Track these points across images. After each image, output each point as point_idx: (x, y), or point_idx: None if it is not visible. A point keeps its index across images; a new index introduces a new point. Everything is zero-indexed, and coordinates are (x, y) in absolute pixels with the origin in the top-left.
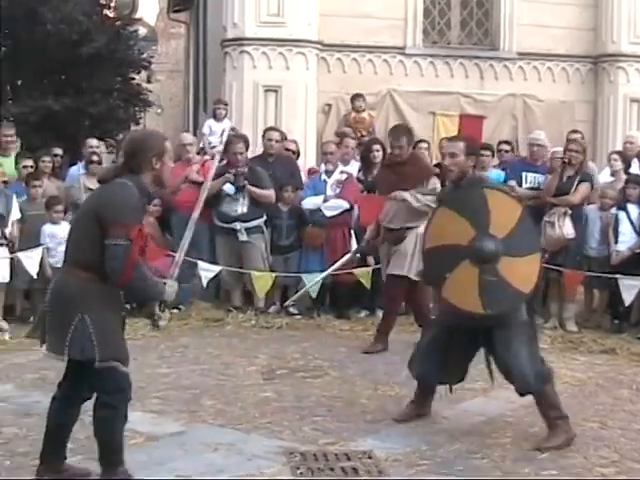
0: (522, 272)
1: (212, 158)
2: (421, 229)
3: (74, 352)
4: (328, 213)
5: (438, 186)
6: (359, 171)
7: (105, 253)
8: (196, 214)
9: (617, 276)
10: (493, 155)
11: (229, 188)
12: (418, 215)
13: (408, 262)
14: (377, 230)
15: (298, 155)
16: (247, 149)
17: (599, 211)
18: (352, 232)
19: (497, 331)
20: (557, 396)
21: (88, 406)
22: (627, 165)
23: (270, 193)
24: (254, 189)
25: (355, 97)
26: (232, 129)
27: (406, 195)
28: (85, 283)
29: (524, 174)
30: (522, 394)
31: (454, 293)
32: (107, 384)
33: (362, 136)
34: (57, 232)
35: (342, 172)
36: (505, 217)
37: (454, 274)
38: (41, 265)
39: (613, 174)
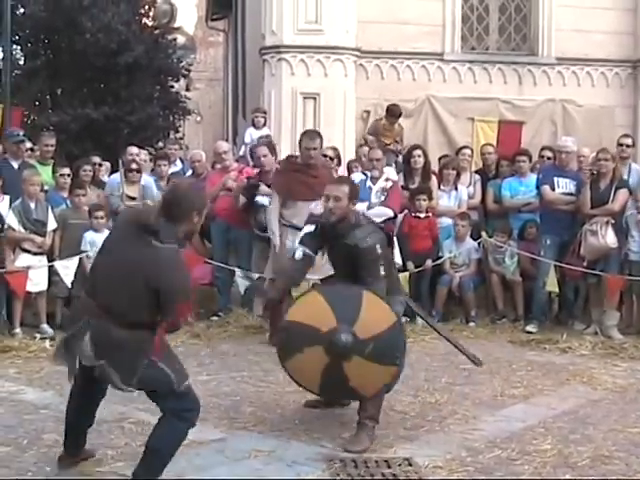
0: (369, 377)
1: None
2: None
3: None
4: None
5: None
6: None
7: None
8: None
9: None
10: (530, 160)
11: (263, 199)
12: None
13: None
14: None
15: (339, 162)
16: (273, 155)
17: (637, 214)
18: (395, 239)
19: None
20: None
21: (127, 413)
22: None
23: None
24: None
25: (392, 107)
26: (267, 136)
27: None
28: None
29: (556, 179)
30: None
31: (298, 369)
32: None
33: (387, 145)
34: (98, 240)
35: (387, 179)
36: (374, 322)
37: (305, 354)
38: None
39: None
